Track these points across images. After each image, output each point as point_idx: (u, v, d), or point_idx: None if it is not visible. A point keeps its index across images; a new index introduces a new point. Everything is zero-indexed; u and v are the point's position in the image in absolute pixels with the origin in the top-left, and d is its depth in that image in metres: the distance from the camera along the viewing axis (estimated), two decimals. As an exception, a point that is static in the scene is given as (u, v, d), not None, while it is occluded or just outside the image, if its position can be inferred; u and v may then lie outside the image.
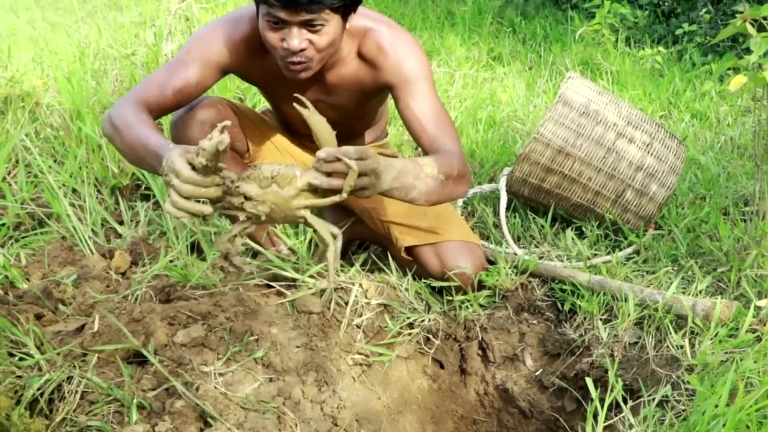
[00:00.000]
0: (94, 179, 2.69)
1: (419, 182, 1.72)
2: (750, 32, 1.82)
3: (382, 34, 1.92)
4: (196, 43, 1.90)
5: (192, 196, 1.44)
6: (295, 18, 1.70)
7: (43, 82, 2.96)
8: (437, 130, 1.89)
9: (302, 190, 1.55)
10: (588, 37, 5.14)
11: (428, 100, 1.91)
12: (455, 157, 1.84)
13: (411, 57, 1.92)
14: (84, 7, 5.09)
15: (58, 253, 2.31)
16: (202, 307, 1.86)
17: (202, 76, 1.88)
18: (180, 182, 1.42)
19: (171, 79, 1.84)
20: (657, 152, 2.30)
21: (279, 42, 1.76)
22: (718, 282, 2.08)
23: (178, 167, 1.43)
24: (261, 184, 1.53)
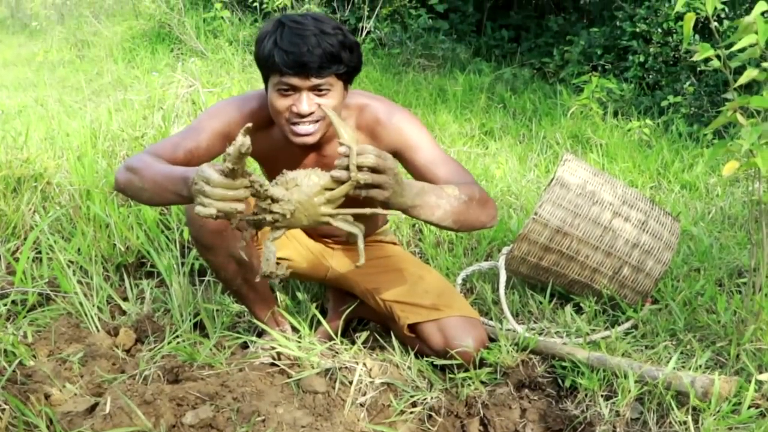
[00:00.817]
0: (101, 257, 2.74)
1: (443, 201, 1.77)
2: (740, 121, 1.91)
3: (378, 108, 2.04)
4: (208, 115, 2.04)
5: (223, 198, 1.51)
6: (305, 83, 1.83)
7: (56, 163, 3.04)
8: (449, 173, 1.96)
9: (324, 188, 1.61)
10: (576, 110, 5.28)
11: (435, 153, 2.00)
12: (474, 185, 1.91)
13: (409, 124, 2.03)
14: (90, 86, 5.23)
15: (65, 330, 2.34)
16: (210, 387, 1.89)
17: (211, 143, 1.99)
18: (211, 187, 1.50)
19: (183, 141, 1.97)
20: (652, 230, 2.37)
21: (288, 108, 1.88)
22: (718, 356, 2.12)
23: (208, 174, 1.50)
24: (286, 186, 1.61)
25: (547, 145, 4.75)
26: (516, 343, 2.20)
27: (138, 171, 1.80)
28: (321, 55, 1.80)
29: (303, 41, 1.80)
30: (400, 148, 2.01)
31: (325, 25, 1.84)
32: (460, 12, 7.96)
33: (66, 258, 2.58)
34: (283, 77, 1.83)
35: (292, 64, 1.80)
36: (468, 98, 5.74)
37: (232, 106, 2.04)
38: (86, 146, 3.08)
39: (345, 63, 1.86)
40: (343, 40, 1.85)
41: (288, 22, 1.84)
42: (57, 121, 3.50)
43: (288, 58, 1.80)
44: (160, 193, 1.75)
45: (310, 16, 1.87)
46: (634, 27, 5.93)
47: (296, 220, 1.62)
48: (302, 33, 1.81)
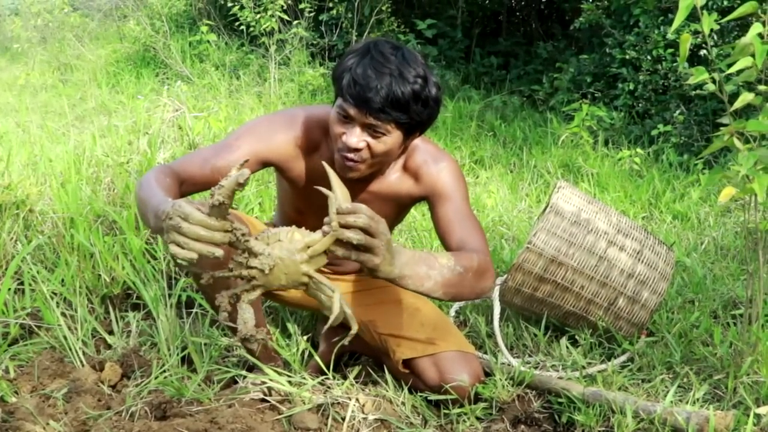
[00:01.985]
0: (86, 288, 2.67)
1: (434, 272, 1.69)
2: (737, 146, 1.89)
3: (427, 151, 2.02)
4: (248, 132, 1.95)
5: (199, 239, 1.39)
6: (361, 118, 1.77)
7: (38, 189, 2.98)
8: (465, 234, 1.93)
9: (307, 245, 1.52)
10: (567, 139, 5.29)
11: (460, 211, 1.97)
12: (477, 252, 1.86)
13: (450, 174, 2.00)
14: (74, 111, 5.18)
15: (48, 365, 2.26)
16: (199, 424, 1.83)
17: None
18: (189, 224, 1.38)
19: (214, 157, 1.87)
20: (647, 259, 2.34)
21: (341, 135, 1.82)
22: (715, 389, 2.08)
23: (187, 210, 1.39)
24: (267, 241, 1.51)
25: (538, 174, 4.75)
26: (511, 378, 2.15)
27: (139, 186, 1.71)
28: (386, 97, 1.74)
29: (376, 77, 1.73)
30: (433, 194, 2.00)
31: (409, 69, 1.76)
32: (449, 38, 8.00)
33: (49, 289, 2.52)
34: (344, 102, 1.77)
35: (355, 95, 1.74)
36: (458, 126, 5.74)
37: (274, 128, 1.96)
38: (70, 172, 3.02)
39: (411, 114, 1.79)
40: (419, 92, 1.78)
41: (375, 51, 1.77)
42: (39, 147, 3.44)
43: (353, 88, 1.74)
44: (143, 216, 1.64)
45: (403, 53, 1.79)
46: (624, 54, 5.96)
47: (274, 279, 1.52)
48: (380, 69, 1.74)
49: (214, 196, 1.37)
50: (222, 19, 7.00)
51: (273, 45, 5.91)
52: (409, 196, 2.06)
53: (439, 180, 2.00)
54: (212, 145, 1.96)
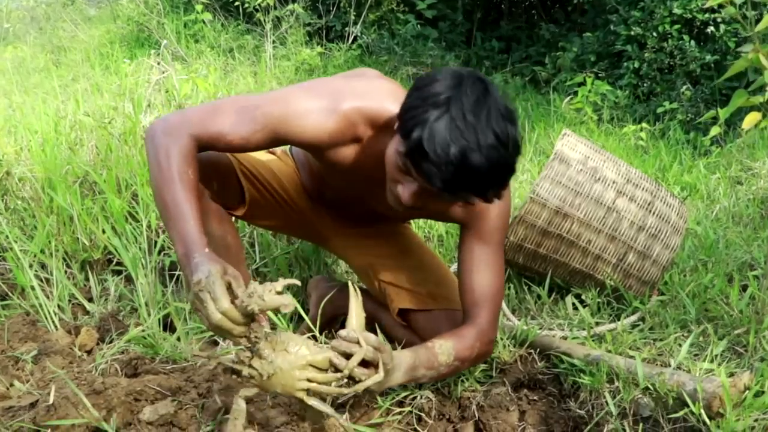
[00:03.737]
0: (63, 252, 2.53)
1: (431, 372, 1.66)
2: (764, 63, 1.72)
3: None
4: (277, 109, 1.63)
5: (219, 327, 1.37)
6: (420, 180, 1.48)
7: (15, 150, 2.84)
8: (483, 298, 1.77)
9: (310, 364, 1.46)
10: (570, 115, 5.15)
11: (492, 260, 1.78)
12: (480, 338, 1.74)
13: (500, 214, 1.77)
14: (65, 92, 5.05)
15: (19, 328, 2.14)
16: (172, 381, 1.70)
17: (262, 143, 1.66)
18: (214, 309, 1.35)
19: (232, 132, 1.61)
20: (659, 211, 2.19)
21: (397, 182, 1.54)
22: (734, 346, 1.93)
23: (218, 294, 1.35)
24: (274, 347, 1.45)
25: (540, 151, 4.61)
26: (513, 337, 2.01)
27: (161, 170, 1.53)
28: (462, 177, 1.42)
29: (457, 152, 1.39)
30: (472, 227, 1.78)
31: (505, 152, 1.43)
32: (450, 21, 7.86)
33: (25, 250, 2.38)
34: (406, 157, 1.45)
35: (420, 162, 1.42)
36: (458, 104, 5.59)
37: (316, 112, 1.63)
38: (50, 134, 2.88)
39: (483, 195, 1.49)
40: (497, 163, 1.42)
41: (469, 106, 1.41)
42: (20, 112, 3.31)
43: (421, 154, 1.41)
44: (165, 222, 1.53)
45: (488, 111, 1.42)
46: (629, 30, 5.82)
47: (270, 385, 1.45)
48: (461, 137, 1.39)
49: (250, 304, 1.34)
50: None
51: (269, 22, 5.77)
52: (449, 216, 1.80)
53: (485, 213, 1.75)
54: (237, 109, 1.65)
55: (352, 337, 1.45)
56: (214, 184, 1.84)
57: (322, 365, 1.45)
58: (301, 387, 1.46)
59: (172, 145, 1.56)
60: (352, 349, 1.44)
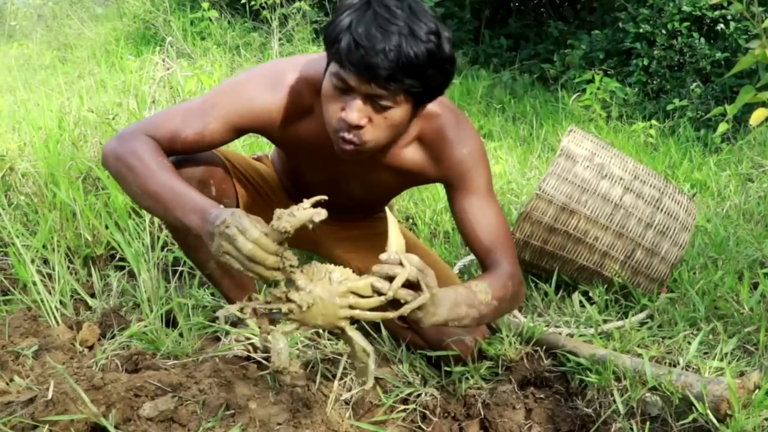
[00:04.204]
0: (66, 248, 2.51)
1: (472, 311, 1.56)
2: (772, 58, 1.70)
3: (448, 126, 1.73)
4: (224, 98, 1.67)
5: (252, 258, 1.33)
6: (363, 88, 1.48)
7: (19, 146, 2.82)
8: (493, 243, 1.74)
9: (350, 291, 1.40)
10: (579, 112, 5.11)
11: (485, 207, 1.76)
12: (511, 278, 1.70)
13: (476, 161, 1.75)
14: (71, 89, 5.05)
15: (20, 323, 2.11)
16: (173, 377, 1.67)
17: (219, 135, 1.66)
18: (245, 240, 1.32)
19: (185, 129, 1.63)
20: (667, 208, 2.15)
21: (338, 110, 1.54)
22: (745, 344, 1.90)
23: (246, 225, 1.33)
24: (311, 277, 1.40)
25: (548, 147, 4.57)
26: (519, 334, 1.98)
27: (134, 169, 1.51)
28: (396, 61, 1.43)
29: (382, 36, 1.42)
30: (454, 183, 1.77)
31: (420, 25, 1.45)
32: (457, 18, 7.82)
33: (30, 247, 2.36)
34: (342, 69, 1.47)
35: (356, 60, 1.43)
36: (465, 101, 5.57)
37: (255, 93, 1.67)
38: (54, 130, 2.87)
39: (425, 80, 1.50)
40: (435, 51, 1.47)
41: (377, 4, 1.46)
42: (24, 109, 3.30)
43: (355, 51, 1.43)
44: (161, 210, 1.51)
45: (410, 5, 1.47)
46: (638, 28, 5.77)
47: (311, 317, 1.40)
48: (385, 26, 1.43)
49: (282, 223, 1.31)
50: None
51: (275, 20, 5.75)
52: (423, 175, 1.80)
53: (464, 169, 1.74)
54: (184, 108, 1.68)
55: (393, 259, 1.39)
56: (212, 189, 1.82)
57: (364, 291, 1.40)
58: (344, 315, 1.40)
59: (136, 145, 1.56)
60: (394, 270, 1.38)
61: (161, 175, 1.51)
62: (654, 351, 1.86)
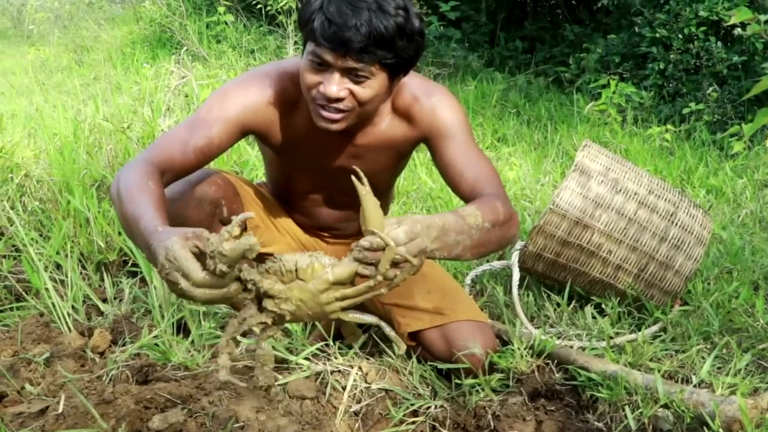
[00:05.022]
0: (79, 254, 2.53)
1: (462, 237, 1.50)
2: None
3: (414, 86, 1.80)
4: (219, 101, 1.74)
5: (208, 301, 1.22)
6: (339, 63, 1.57)
7: (35, 154, 2.84)
8: (477, 176, 1.73)
9: (333, 284, 1.30)
10: (594, 117, 5.08)
11: (465, 148, 1.77)
12: (499, 200, 1.65)
13: (446, 106, 1.79)
14: (87, 91, 5.08)
15: (33, 330, 2.13)
16: (183, 389, 1.68)
17: (225, 136, 1.71)
18: (192, 287, 1.19)
19: (193, 137, 1.66)
20: (681, 222, 2.13)
21: (316, 85, 1.62)
22: (759, 360, 1.87)
23: (185, 267, 1.19)
24: (283, 279, 1.29)
25: (563, 151, 4.56)
26: (531, 347, 1.96)
27: (120, 197, 1.48)
28: (368, 35, 1.53)
29: (353, 13, 1.53)
30: (432, 134, 1.79)
31: (389, 1, 1.56)
32: (473, 21, 7.82)
33: (40, 253, 2.38)
34: (317, 47, 1.56)
35: (330, 37, 1.53)
36: (480, 104, 5.55)
37: (246, 90, 1.75)
38: (69, 138, 2.88)
39: (397, 52, 1.59)
40: (404, 24, 1.57)
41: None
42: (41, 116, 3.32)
43: (328, 28, 1.53)
44: (131, 237, 1.45)
45: None
46: (654, 33, 5.72)
47: (296, 319, 1.32)
48: (355, 3, 1.54)
49: (216, 266, 1.16)
50: (240, 1, 6.88)
51: (290, 24, 5.76)
52: (406, 141, 1.85)
53: (436, 117, 1.78)
54: (185, 123, 1.73)
55: (377, 244, 1.31)
56: (224, 209, 1.85)
57: (348, 279, 1.31)
58: (333, 309, 1.31)
59: (128, 174, 1.54)
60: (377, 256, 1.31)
61: (136, 200, 1.45)
62: (667, 365, 1.85)
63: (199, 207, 1.80)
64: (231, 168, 3.02)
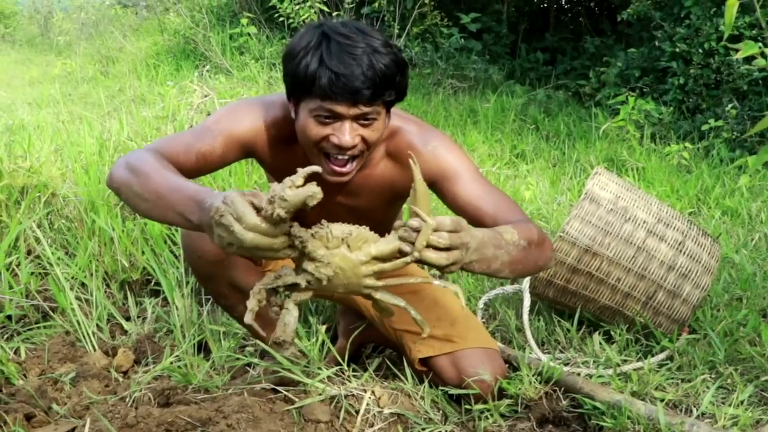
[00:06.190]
0: (104, 273, 2.61)
1: (501, 252, 1.52)
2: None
3: (411, 133, 1.81)
4: (225, 116, 1.78)
5: (255, 247, 1.26)
6: (350, 111, 1.59)
7: (62, 173, 2.93)
8: (496, 207, 1.74)
9: (374, 257, 1.35)
10: (612, 133, 5.10)
11: (475, 183, 1.78)
12: (530, 222, 1.69)
13: (446, 151, 1.79)
14: (111, 102, 5.18)
15: (59, 349, 2.21)
16: (203, 412, 1.74)
17: (226, 150, 1.75)
18: (243, 229, 1.24)
19: (197, 142, 1.69)
20: (690, 251, 2.17)
21: (324, 138, 1.63)
22: (762, 391, 1.91)
23: (241, 211, 1.24)
24: (328, 245, 1.34)
25: (581, 169, 4.58)
26: (539, 374, 2.01)
27: (140, 174, 1.48)
28: (373, 78, 1.55)
29: (355, 62, 1.54)
30: (436, 178, 1.78)
31: (374, 40, 1.59)
32: (494, 33, 7.85)
33: (66, 272, 2.46)
34: (324, 102, 1.57)
35: (341, 90, 1.54)
36: (499, 119, 5.59)
37: (255, 111, 1.78)
38: (94, 156, 2.97)
39: (397, 87, 1.63)
40: (396, 59, 1.61)
41: (333, 34, 1.57)
42: (67, 133, 3.41)
43: (338, 82, 1.53)
44: (162, 209, 1.45)
45: (355, 27, 1.61)
46: (674, 47, 5.73)
47: (330, 288, 1.35)
48: (352, 51, 1.55)
49: (275, 210, 1.21)
50: (263, 12, 6.96)
51: (312, 37, 5.82)
52: (404, 187, 1.81)
53: (438, 161, 1.78)
54: (191, 130, 1.78)
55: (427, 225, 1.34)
56: None
57: (389, 255, 1.34)
58: (368, 284, 1.35)
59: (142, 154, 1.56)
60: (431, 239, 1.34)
61: (166, 174, 1.48)
62: (671, 395, 1.89)
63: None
64: (252, 188, 3.08)
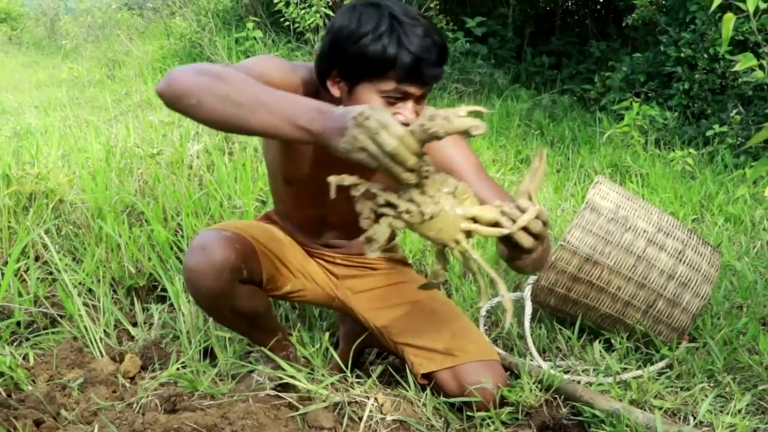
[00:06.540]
0: (111, 279, 2.64)
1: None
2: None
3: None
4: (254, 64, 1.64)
5: (394, 157, 1.26)
6: (420, 91, 1.61)
7: (69, 179, 2.96)
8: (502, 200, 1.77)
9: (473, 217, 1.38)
10: (617, 139, 5.11)
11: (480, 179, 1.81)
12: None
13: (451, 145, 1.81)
14: (118, 107, 5.21)
15: (67, 355, 2.24)
16: (209, 419, 1.77)
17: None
18: (389, 136, 1.24)
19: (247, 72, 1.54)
20: (690, 260, 2.20)
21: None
22: (759, 400, 1.93)
23: (388, 120, 1.25)
24: (440, 187, 1.36)
25: (585, 175, 4.60)
26: (540, 381, 2.04)
27: (226, 79, 1.38)
28: (441, 60, 1.59)
29: (431, 42, 1.56)
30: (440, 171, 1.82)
31: (428, 21, 1.61)
32: (500, 37, 7.87)
33: (73, 279, 2.50)
34: (401, 84, 1.57)
35: (421, 72, 1.56)
36: (504, 124, 5.61)
37: (283, 68, 1.71)
38: (101, 163, 3.00)
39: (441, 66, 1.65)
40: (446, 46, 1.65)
41: (401, 16, 1.56)
42: (74, 139, 3.45)
43: (417, 64, 1.55)
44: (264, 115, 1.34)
45: (404, 8, 1.59)
46: (679, 52, 5.74)
47: (427, 227, 1.36)
48: (425, 34, 1.56)
49: (434, 126, 1.23)
50: (269, 17, 6.99)
51: (318, 41, 5.86)
52: None
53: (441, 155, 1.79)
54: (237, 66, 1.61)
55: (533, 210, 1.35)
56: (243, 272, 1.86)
57: (487, 222, 1.37)
58: (459, 238, 1.37)
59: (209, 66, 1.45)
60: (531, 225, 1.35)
61: (257, 83, 1.41)
62: (669, 403, 1.91)
63: (219, 277, 1.81)
64: (257, 196, 3.11)
